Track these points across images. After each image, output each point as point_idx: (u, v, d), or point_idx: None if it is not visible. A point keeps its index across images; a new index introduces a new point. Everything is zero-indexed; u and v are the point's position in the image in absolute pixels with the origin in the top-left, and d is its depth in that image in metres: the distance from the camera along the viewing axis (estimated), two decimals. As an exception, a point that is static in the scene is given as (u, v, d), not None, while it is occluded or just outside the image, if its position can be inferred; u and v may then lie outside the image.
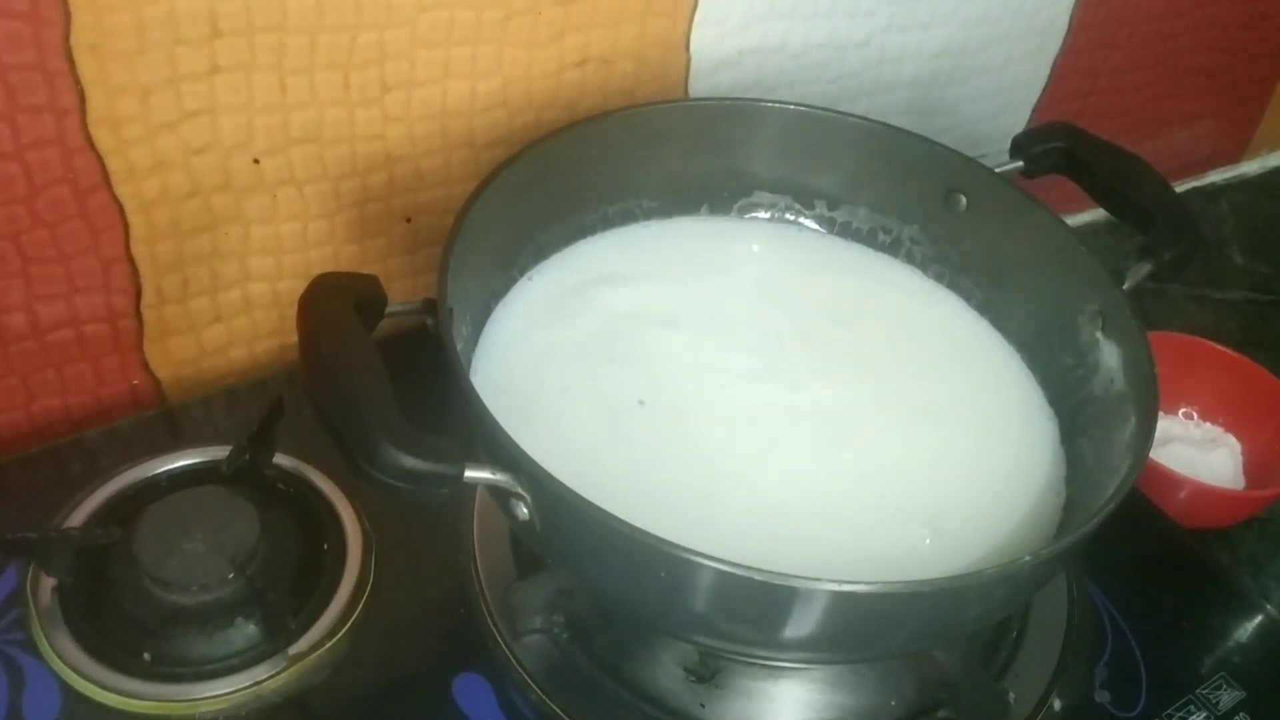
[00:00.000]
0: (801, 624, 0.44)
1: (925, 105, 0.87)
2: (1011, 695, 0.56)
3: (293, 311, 0.47)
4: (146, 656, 0.54)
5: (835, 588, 0.42)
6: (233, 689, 0.53)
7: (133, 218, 0.62)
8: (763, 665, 0.56)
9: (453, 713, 0.55)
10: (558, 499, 0.43)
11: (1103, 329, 0.58)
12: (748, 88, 0.77)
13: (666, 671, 0.56)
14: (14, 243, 0.60)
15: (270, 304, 0.71)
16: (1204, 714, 0.59)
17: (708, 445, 0.55)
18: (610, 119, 0.63)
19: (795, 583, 0.41)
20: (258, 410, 0.62)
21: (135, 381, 0.69)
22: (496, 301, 0.60)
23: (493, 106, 0.69)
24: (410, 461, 0.41)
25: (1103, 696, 0.59)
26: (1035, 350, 0.62)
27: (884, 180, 0.66)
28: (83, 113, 0.57)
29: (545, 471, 0.43)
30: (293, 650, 0.55)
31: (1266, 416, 0.78)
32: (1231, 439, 0.79)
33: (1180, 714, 0.59)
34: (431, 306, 0.50)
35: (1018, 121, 0.94)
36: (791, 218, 0.69)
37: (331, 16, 0.61)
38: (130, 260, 0.64)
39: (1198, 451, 0.77)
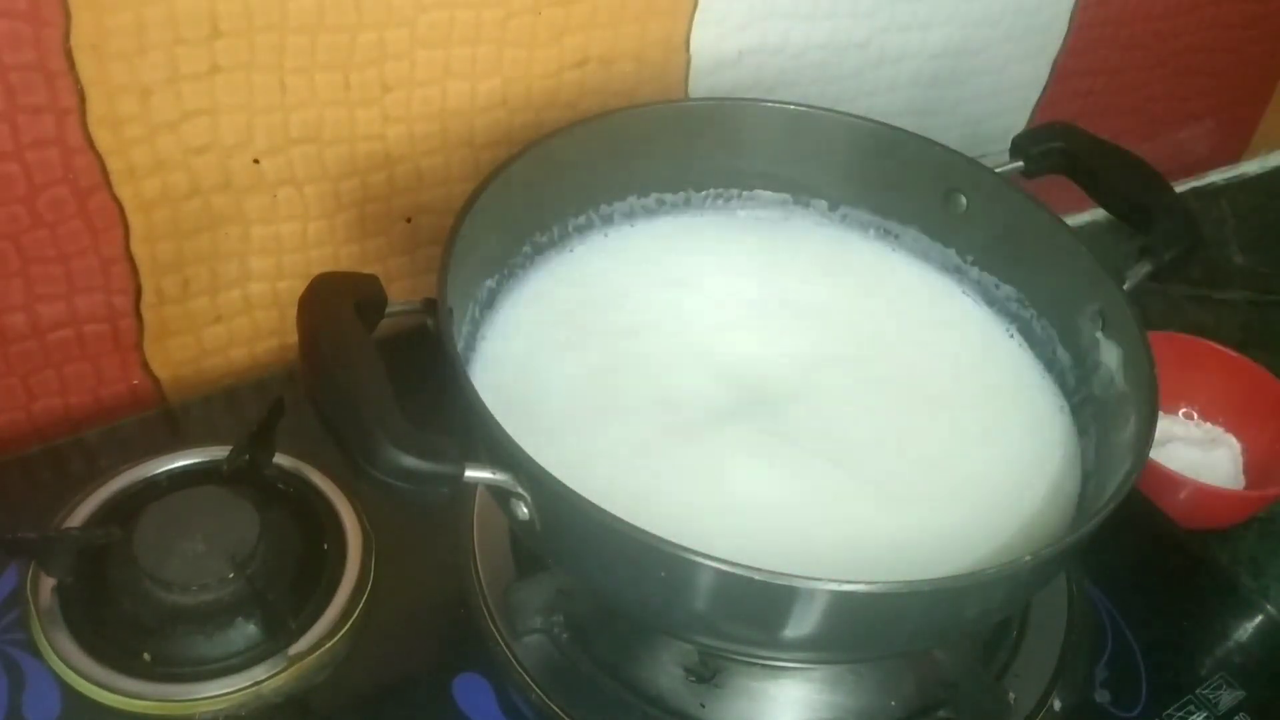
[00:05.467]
0: (801, 624, 0.44)
1: (925, 105, 0.87)
2: (1011, 695, 0.56)
3: (293, 311, 0.47)
4: (146, 656, 0.54)
5: (835, 587, 0.42)
6: (233, 689, 0.53)
7: (133, 218, 0.62)
8: (763, 665, 0.56)
9: (453, 713, 0.55)
10: (558, 499, 0.43)
11: (1103, 329, 0.58)
12: (748, 88, 0.77)
13: (666, 671, 0.56)
14: (14, 243, 0.60)
15: (270, 304, 0.71)
16: (1204, 714, 0.59)
17: (710, 444, 0.55)
18: (611, 119, 0.62)
19: (795, 582, 0.41)
20: (258, 410, 0.62)
21: (135, 381, 0.69)
22: (496, 301, 0.60)
23: (493, 106, 0.69)
24: (410, 461, 0.41)
25: (1103, 696, 0.59)
26: (1035, 350, 0.62)
27: (884, 180, 0.66)
28: (83, 113, 0.57)
29: (545, 471, 0.43)
30: (293, 650, 0.55)
31: (1267, 417, 0.78)
32: (1231, 439, 0.79)
33: (1180, 714, 0.59)
34: (431, 306, 0.50)
35: (1018, 121, 0.94)
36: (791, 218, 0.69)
37: (331, 16, 0.61)
38: (130, 260, 0.64)
39: (1198, 451, 0.77)
